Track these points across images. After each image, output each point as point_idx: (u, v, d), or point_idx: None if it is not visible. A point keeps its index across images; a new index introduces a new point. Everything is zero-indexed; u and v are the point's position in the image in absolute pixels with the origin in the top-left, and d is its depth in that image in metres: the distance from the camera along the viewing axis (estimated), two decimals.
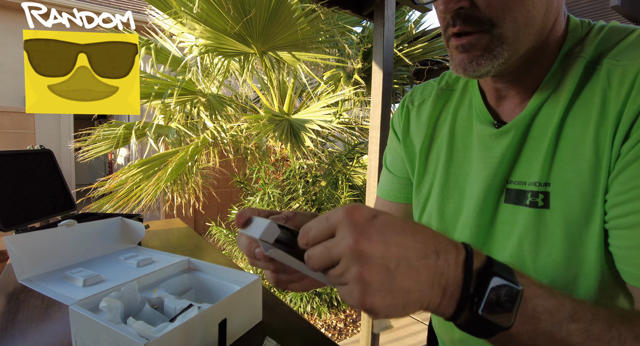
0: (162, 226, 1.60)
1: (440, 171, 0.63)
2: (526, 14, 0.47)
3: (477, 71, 0.49)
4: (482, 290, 0.33)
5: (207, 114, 2.96)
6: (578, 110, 0.49)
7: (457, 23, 0.48)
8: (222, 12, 2.32)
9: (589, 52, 0.50)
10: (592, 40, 0.51)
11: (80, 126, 4.02)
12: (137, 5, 7.10)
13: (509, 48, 0.48)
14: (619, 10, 2.37)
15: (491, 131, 0.56)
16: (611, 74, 0.46)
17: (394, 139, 0.75)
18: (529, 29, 0.48)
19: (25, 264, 0.85)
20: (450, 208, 0.62)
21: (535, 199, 0.51)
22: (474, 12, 0.47)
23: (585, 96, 0.48)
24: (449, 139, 0.63)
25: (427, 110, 0.68)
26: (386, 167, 0.79)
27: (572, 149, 0.48)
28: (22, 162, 1.30)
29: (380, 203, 0.80)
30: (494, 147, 0.55)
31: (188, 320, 0.58)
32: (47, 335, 0.71)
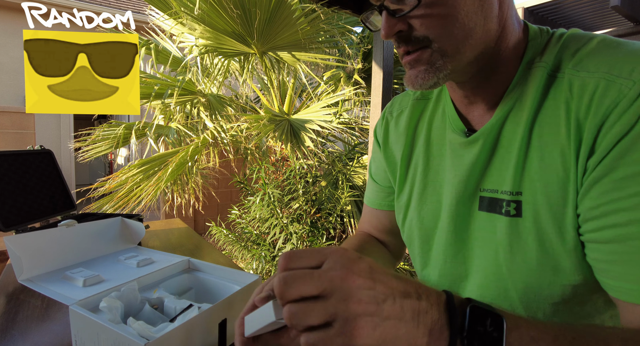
0: (162, 226, 1.60)
1: (418, 179, 0.66)
2: (462, 27, 0.50)
3: (424, 84, 0.53)
4: (469, 324, 0.34)
5: (207, 114, 2.96)
6: (544, 120, 0.50)
7: (400, 44, 0.53)
8: (222, 12, 2.32)
9: (549, 61, 0.52)
10: (552, 48, 0.52)
11: (80, 126, 4.02)
12: (137, 5, 7.09)
13: (451, 60, 0.51)
14: (619, 10, 2.37)
15: (461, 140, 0.58)
16: (572, 85, 0.47)
17: (376, 149, 0.79)
18: (469, 40, 0.51)
19: (25, 265, 0.85)
20: (428, 215, 0.64)
21: (508, 208, 0.52)
22: (412, 33, 0.51)
23: (549, 105, 0.50)
24: (426, 147, 0.66)
25: (405, 120, 0.71)
26: (371, 176, 0.82)
27: (540, 159, 0.50)
28: (22, 162, 1.30)
29: (367, 210, 0.83)
30: (464, 156, 0.57)
31: (188, 320, 0.58)
32: (47, 335, 0.71)
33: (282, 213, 2.76)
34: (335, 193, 2.78)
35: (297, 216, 2.77)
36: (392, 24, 0.51)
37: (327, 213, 2.76)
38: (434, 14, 0.50)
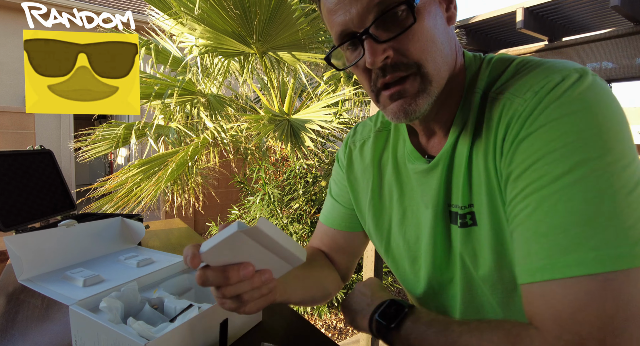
0: (162, 226, 1.60)
1: (395, 206, 0.69)
2: (440, 52, 0.53)
3: (417, 111, 0.54)
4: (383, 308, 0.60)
5: (207, 114, 2.96)
6: (478, 141, 0.54)
7: (387, 72, 0.52)
8: (222, 12, 2.32)
9: (481, 86, 0.56)
10: (483, 73, 0.57)
11: (80, 126, 4.02)
12: (137, 5, 7.09)
13: (436, 85, 0.53)
14: (619, 10, 2.37)
15: (423, 167, 0.62)
16: (494, 106, 0.52)
17: (340, 174, 0.81)
18: (445, 65, 0.54)
19: (25, 265, 0.85)
20: (412, 237, 0.67)
21: (465, 220, 0.57)
22: (400, 59, 0.51)
23: (482, 127, 0.54)
24: (396, 175, 0.69)
25: (369, 152, 0.74)
26: (332, 196, 0.83)
27: (479, 175, 0.54)
28: (22, 162, 1.30)
29: (323, 228, 0.84)
30: (429, 181, 0.61)
31: (188, 320, 0.58)
32: (47, 335, 0.72)
33: (282, 213, 2.76)
34: None
35: (297, 216, 2.78)
36: (379, 50, 0.51)
37: None
38: (420, 38, 0.51)
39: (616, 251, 0.39)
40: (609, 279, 0.39)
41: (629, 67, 2.73)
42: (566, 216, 0.42)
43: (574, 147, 0.43)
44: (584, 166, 0.42)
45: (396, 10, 0.50)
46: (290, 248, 0.48)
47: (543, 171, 0.44)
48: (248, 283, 0.50)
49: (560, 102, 0.46)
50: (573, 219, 0.41)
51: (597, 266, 0.39)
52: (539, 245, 0.43)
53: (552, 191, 0.43)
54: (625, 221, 0.40)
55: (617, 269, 0.38)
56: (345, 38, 0.55)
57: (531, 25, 2.95)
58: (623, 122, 0.45)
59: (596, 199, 0.41)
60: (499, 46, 3.78)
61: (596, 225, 0.40)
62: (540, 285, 0.42)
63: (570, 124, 0.44)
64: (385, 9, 0.50)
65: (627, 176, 0.42)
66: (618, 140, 0.43)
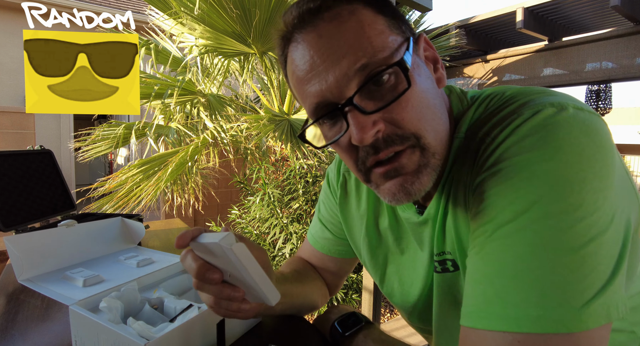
0: (162, 226, 1.60)
1: (392, 245, 0.66)
2: (439, 119, 0.47)
3: (421, 190, 0.47)
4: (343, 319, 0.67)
5: (207, 114, 2.96)
6: (458, 187, 0.50)
7: (380, 149, 0.44)
8: (222, 12, 2.32)
9: (462, 131, 0.50)
10: (466, 117, 0.51)
11: (80, 126, 4.02)
12: (137, 5, 7.09)
13: (439, 156, 0.47)
14: (619, 10, 2.37)
15: (415, 220, 0.58)
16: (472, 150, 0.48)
17: (332, 200, 0.76)
18: (445, 132, 0.48)
19: (25, 265, 0.85)
20: (407, 279, 0.65)
21: (446, 266, 0.55)
22: (394, 131, 0.44)
23: (460, 172, 0.50)
24: (392, 215, 0.65)
25: (365, 187, 0.69)
26: (321, 221, 0.80)
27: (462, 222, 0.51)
28: (22, 162, 1.30)
29: (311, 249, 0.82)
30: (422, 232, 0.59)
31: (188, 320, 0.58)
32: (47, 335, 0.71)
33: (282, 213, 2.76)
34: None
35: (297, 216, 2.77)
36: (368, 123, 0.43)
37: None
38: (415, 105, 0.44)
39: (536, 312, 0.35)
40: (519, 340, 0.35)
41: (629, 67, 2.73)
42: (497, 266, 0.39)
43: (521, 194, 0.39)
44: (525, 216, 0.38)
45: (384, 74, 0.43)
46: (262, 286, 0.48)
47: (489, 216, 0.41)
48: (215, 289, 0.49)
49: (518, 141, 0.41)
50: (502, 271, 0.38)
51: (511, 324, 0.36)
52: (472, 291, 0.41)
53: (492, 239, 0.40)
54: (558, 281, 0.35)
55: (532, 332, 0.35)
56: (322, 111, 0.46)
57: (531, 25, 2.96)
58: (594, 167, 0.38)
59: (528, 254, 0.37)
60: (499, 46, 3.78)
61: (522, 281, 0.36)
62: (465, 330, 0.41)
63: (523, 167, 0.40)
64: (371, 73, 0.43)
65: (578, 231, 0.36)
66: (576, 189, 0.37)
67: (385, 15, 0.45)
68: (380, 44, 0.43)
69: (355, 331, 0.63)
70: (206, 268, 0.47)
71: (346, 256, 0.79)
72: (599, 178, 0.38)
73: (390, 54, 0.43)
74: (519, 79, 3.51)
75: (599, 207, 0.37)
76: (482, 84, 3.84)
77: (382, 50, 0.43)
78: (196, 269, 0.47)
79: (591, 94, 4.46)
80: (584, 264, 0.36)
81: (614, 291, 0.36)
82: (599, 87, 4.43)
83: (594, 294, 0.35)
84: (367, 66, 0.42)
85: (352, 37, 0.43)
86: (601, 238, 0.37)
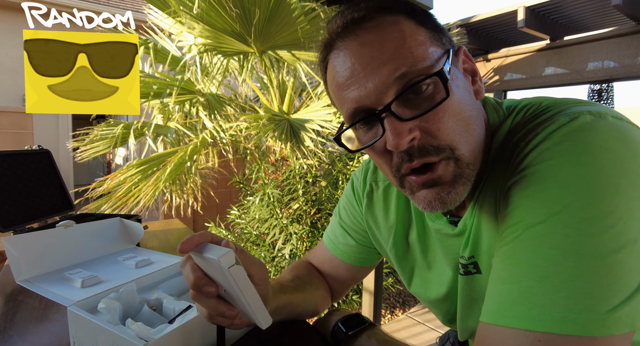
0: (160, 227, 1.60)
1: (419, 257, 0.67)
2: (474, 131, 0.48)
3: (457, 200, 0.47)
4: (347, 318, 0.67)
5: (206, 114, 2.95)
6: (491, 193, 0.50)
7: (414, 157, 0.45)
8: (221, 11, 2.31)
9: (499, 140, 0.51)
10: (503, 127, 0.52)
11: (79, 125, 4.01)
12: (136, 4, 7.09)
13: (473, 168, 0.48)
14: (620, 10, 2.37)
15: (449, 231, 0.58)
16: (507, 155, 0.48)
17: (356, 208, 0.76)
18: (479, 146, 0.49)
19: (24, 265, 0.85)
20: (433, 292, 0.66)
21: (468, 269, 0.57)
22: (429, 141, 0.45)
23: (494, 178, 0.50)
24: (420, 228, 0.66)
25: (394, 200, 0.69)
26: (342, 227, 0.79)
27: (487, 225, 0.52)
28: (20, 162, 1.29)
29: (327, 255, 0.81)
30: (454, 244, 0.59)
31: (187, 321, 0.57)
32: (46, 336, 0.71)
33: (281, 214, 2.76)
34: (336, 193, 2.78)
35: (297, 217, 2.77)
36: (404, 130, 0.43)
37: (327, 214, 2.76)
38: (452, 116, 0.45)
39: (560, 314, 0.35)
40: (540, 339, 0.36)
41: (630, 66, 2.73)
42: (525, 267, 0.39)
43: (553, 197, 0.39)
44: (556, 219, 0.38)
45: (423, 84, 0.44)
46: (254, 310, 0.48)
47: (519, 217, 0.42)
48: (210, 303, 0.49)
49: (553, 145, 0.41)
50: (530, 272, 0.39)
51: (534, 324, 0.36)
52: (496, 290, 0.42)
53: (521, 239, 0.41)
54: (586, 286, 0.36)
55: (554, 332, 0.35)
56: (360, 116, 0.48)
57: (532, 24, 2.95)
58: (629, 175, 0.38)
59: (558, 257, 0.37)
60: (500, 45, 3.78)
61: (549, 283, 0.37)
62: (485, 326, 0.41)
63: (556, 170, 0.40)
64: (409, 82, 0.44)
65: (608, 238, 0.36)
66: (609, 196, 0.37)
67: (427, 27, 0.47)
68: (420, 54, 0.44)
69: (358, 331, 0.63)
70: (204, 281, 0.47)
71: (365, 265, 0.79)
72: (633, 187, 0.38)
73: (430, 64, 0.44)
74: (521, 78, 3.51)
75: (632, 216, 0.37)
76: (484, 83, 3.84)
77: (422, 60, 0.44)
78: (193, 281, 0.47)
79: (593, 94, 4.46)
80: (612, 271, 0.36)
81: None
82: (600, 87, 4.42)
83: (620, 301, 0.35)
84: (407, 74, 0.43)
85: (393, 47, 0.44)
86: (631, 247, 0.36)
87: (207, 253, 0.45)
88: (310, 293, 0.75)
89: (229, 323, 0.51)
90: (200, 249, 0.47)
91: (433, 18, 0.49)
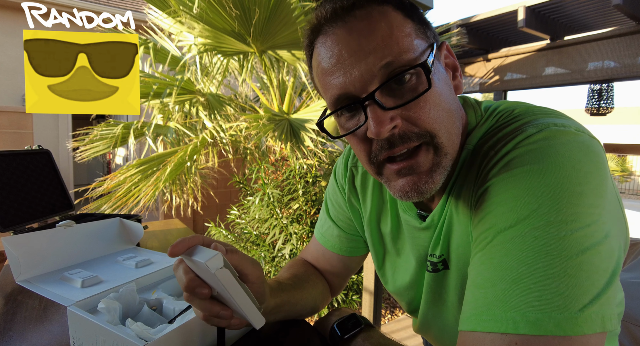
0: (160, 227, 1.60)
1: (390, 244, 0.70)
2: (453, 123, 0.49)
3: (433, 189, 0.49)
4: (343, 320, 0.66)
5: (206, 114, 2.95)
6: (463, 196, 0.52)
7: (396, 144, 0.47)
8: (221, 10, 2.31)
9: (472, 143, 0.53)
10: (478, 130, 0.54)
11: (79, 125, 4.01)
12: (136, 4, 7.09)
13: (450, 157, 0.50)
14: (621, 9, 2.37)
15: (416, 224, 0.61)
16: (478, 161, 0.50)
17: (340, 196, 0.78)
18: (457, 137, 0.51)
19: (23, 265, 0.84)
20: (399, 278, 0.70)
21: (437, 267, 0.59)
22: (410, 128, 0.46)
23: (465, 182, 0.52)
24: (393, 216, 0.68)
25: (370, 185, 0.72)
26: (329, 217, 0.80)
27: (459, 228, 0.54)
28: (20, 162, 1.29)
29: (319, 248, 0.82)
30: (420, 237, 0.62)
31: (187, 321, 0.57)
32: (45, 337, 0.71)
33: (281, 214, 2.76)
34: None
35: (297, 217, 2.77)
36: (386, 119, 0.45)
37: None
38: (433, 106, 0.46)
39: (535, 315, 0.36)
40: (517, 342, 0.37)
41: (630, 66, 2.73)
42: (498, 270, 0.40)
43: (522, 203, 0.41)
44: (525, 223, 0.40)
45: (407, 74, 0.45)
46: (245, 311, 0.48)
47: (490, 223, 0.44)
48: (205, 305, 0.49)
49: (521, 154, 0.43)
50: (503, 274, 0.40)
51: (511, 326, 0.37)
52: (472, 295, 0.42)
53: (493, 244, 0.42)
54: (557, 286, 0.37)
55: (530, 333, 0.36)
56: (343, 103, 0.48)
57: (533, 24, 2.95)
58: (591, 184, 0.41)
59: (529, 259, 0.39)
60: (501, 45, 3.78)
61: (522, 284, 0.38)
62: (464, 334, 0.42)
63: (524, 178, 0.42)
64: (393, 72, 0.45)
65: (575, 240, 0.38)
66: (574, 201, 0.39)
67: (413, 20, 0.48)
68: (406, 45, 0.45)
69: (354, 334, 0.63)
70: (196, 283, 0.47)
71: (356, 254, 0.80)
72: (594, 195, 0.40)
73: (415, 56, 0.46)
74: (521, 78, 3.51)
75: (594, 221, 0.39)
76: (484, 83, 3.84)
77: (407, 51, 0.45)
78: (186, 283, 0.47)
79: (593, 94, 4.46)
80: (581, 271, 0.37)
81: (607, 301, 0.37)
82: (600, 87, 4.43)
83: (589, 300, 0.36)
84: (392, 64, 0.44)
85: (380, 36, 0.45)
86: (596, 248, 0.38)
87: (195, 256, 0.46)
88: (308, 290, 0.75)
89: (226, 323, 0.52)
90: (190, 252, 0.47)
91: (419, 12, 0.50)
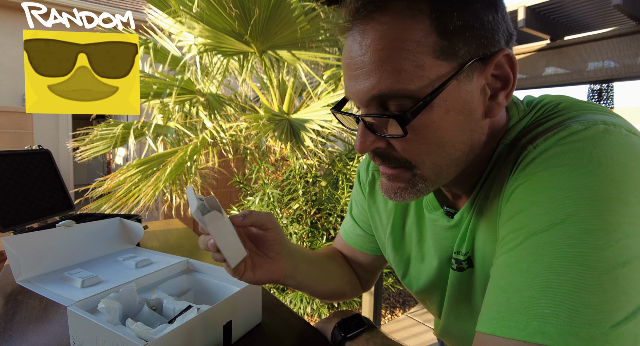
0: (160, 227, 1.59)
1: (415, 248, 0.68)
2: (447, 156, 0.47)
3: (402, 200, 0.51)
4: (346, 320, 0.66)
5: (206, 114, 2.95)
6: (494, 192, 0.50)
7: (376, 160, 0.49)
8: (221, 10, 2.31)
9: (509, 138, 0.50)
10: (518, 125, 0.50)
11: (79, 125, 4.01)
12: (136, 4, 7.08)
13: (432, 184, 0.49)
14: (621, 9, 2.36)
15: (443, 222, 0.59)
16: (513, 156, 0.47)
17: (362, 197, 0.78)
18: (452, 168, 0.48)
19: (24, 265, 0.84)
20: (424, 282, 0.68)
21: (461, 265, 0.57)
22: (391, 152, 0.47)
23: (497, 178, 0.49)
24: (417, 218, 0.67)
25: None
26: (352, 217, 0.82)
27: (486, 223, 0.51)
28: (20, 162, 1.29)
29: (345, 245, 0.84)
30: (447, 235, 0.59)
31: (187, 321, 0.57)
32: (45, 337, 0.71)
33: (281, 214, 2.76)
34: (336, 193, 2.77)
35: (297, 217, 2.77)
36: (369, 140, 0.47)
37: (327, 214, 2.76)
38: (419, 141, 0.45)
39: (563, 327, 0.34)
40: None
41: (631, 66, 2.73)
42: (526, 276, 0.38)
43: (559, 205, 0.38)
44: (560, 228, 0.37)
45: (393, 106, 0.45)
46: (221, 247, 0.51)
47: (521, 223, 0.41)
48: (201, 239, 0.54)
49: (563, 152, 0.40)
50: (531, 282, 0.37)
51: (535, 335, 0.35)
52: (495, 298, 0.40)
53: (522, 247, 0.39)
54: (590, 299, 0.34)
55: (554, 345, 0.34)
56: (347, 103, 0.52)
57: (533, 24, 2.95)
58: (636, 192, 0.37)
59: (561, 267, 0.36)
60: None
61: (552, 294, 0.36)
62: (482, 336, 0.40)
63: (563, 178, 0.39)
64: (379, 108, 0.46)
65: (614, 251, 0.35)
66: (617, 209, 0.36)
67: (446, 28, 0.42)
68: (409, 73, 0.42)
69: (356, 334, 0.63)
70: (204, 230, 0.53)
71: (377, 253, 0.80)
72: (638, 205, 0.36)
73: (415, 88, 0.42)
74: (521, 78, 3.51)
75: (637, 233, 0.36)
76: None
77: (407, 82, 0.42)
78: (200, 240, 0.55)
79: (593, 94, 4.46)
80: (617, 286, 0.34)
81: None
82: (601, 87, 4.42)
83: (624, 317, 0.34)
84: (382, 96, 0.44)
85: (386, 57, 0.42)
86: (636, 262, 0.35)
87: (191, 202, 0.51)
88: (332, 270, 0.78)
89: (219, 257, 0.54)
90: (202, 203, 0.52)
91: (467, 13, 0.42)
